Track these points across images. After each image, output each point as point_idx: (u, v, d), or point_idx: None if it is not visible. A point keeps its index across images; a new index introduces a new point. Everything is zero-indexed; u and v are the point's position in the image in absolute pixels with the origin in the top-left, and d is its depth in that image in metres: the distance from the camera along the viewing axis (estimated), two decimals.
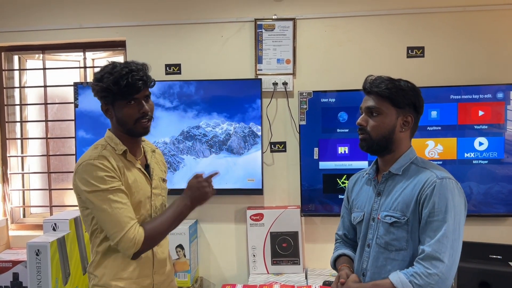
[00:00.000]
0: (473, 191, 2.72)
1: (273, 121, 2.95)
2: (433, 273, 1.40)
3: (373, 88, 1.57)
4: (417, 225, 1.50)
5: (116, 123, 1.67)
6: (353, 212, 1.72)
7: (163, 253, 1.78)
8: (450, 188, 1.47)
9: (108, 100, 1.62)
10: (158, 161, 1.85)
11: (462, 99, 2.72)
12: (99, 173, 1.56)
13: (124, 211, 1.57)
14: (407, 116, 1.57)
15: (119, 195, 1.57)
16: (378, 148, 1.59)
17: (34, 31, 3.09)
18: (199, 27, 2.97)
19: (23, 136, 3.30)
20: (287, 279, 2.75)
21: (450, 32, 2.84)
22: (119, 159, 1.65)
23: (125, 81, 1.55)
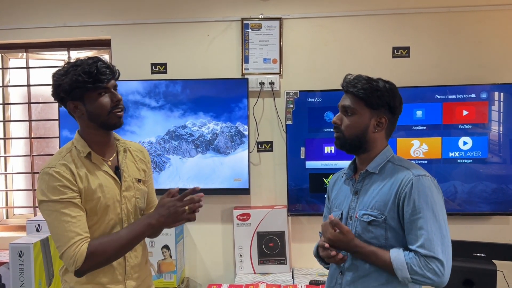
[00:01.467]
0: (458, 190, 2.75)
1: (260, 120, 2.95)
2: (431, 268, 1.41)
3: (349, 87, 1.58)
4: (395, 224, 1.51)
5: (87, 119, 1.59)
6: (332, 212, 1.72)
7: (136, 257, 1.70)
8: (427, 185, 1.48)
9: (77, 95, 1.54)
10: (135, 160, 1.76)
11: (446, 99, 2.75)
12: (52, 183, 1.51)
13: (71, 226, 1.48)
14: (381, 117, 1.57)
15: (69, 208, 1.50)
16: (350, 147, 1.61)
17: (18, 29, 3.04)
18: (185, 26, 2.96)
19: (6, 136, 3.25)
20: (274, 278, 2.75)
21: (435, 32, 2.86)
22: (83, 163, 1.58)
23: (95, 70, 1.51)
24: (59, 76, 1.55)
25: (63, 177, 1.52)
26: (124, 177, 1.67)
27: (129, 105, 2.89)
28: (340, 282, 1.62)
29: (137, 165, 1.76)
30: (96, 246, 1.50)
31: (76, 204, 1.52)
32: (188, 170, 2.90)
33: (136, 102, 2.89)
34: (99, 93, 1.55)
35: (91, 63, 1.52)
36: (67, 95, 1.55)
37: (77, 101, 1.56)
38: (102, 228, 1.60)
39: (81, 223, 1.51)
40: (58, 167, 1.53)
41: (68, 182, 1.52)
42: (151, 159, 2.75)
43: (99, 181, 1.59)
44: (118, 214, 1.63)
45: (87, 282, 1.59)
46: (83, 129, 1.63)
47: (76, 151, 1.60)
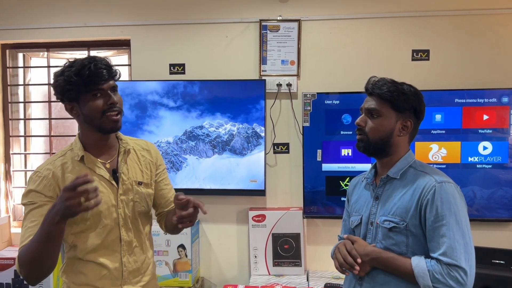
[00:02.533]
0: (477, 195, 2.71)
1: (277, 122, 2.95)
2: (454, 276, 1.38)
3: (375, 89, 1.56)
4: (417, 231, 1.48)
5: (83, 122, 1.56)
6: (352, 216, 1.71)
7: (136, 262, 1.64)
8: (450, 191, 1.46)
9: (72, 96, 1.50)
10: (139, 161, 1.70)
11: (466, 103, 2.71)
12: (28, 187, 1.53)
13: (25, 231, 1.47)
14: (407, 121, 1.56)
15: (31, 212, 1.49)
16: (374, 150, 1.59)
17: (39, 29, 3.09)
18: (204, 27, 2.97)
19: (26, 134, 3.30)
20: (288, 280, 2.75)
21: (455, 35, 2.83)
22: (74, 167, 1.55)
23: (87, 71, 1.45)
24: (55, 76, 1.53)
25: (41, 182, 1.52)
26: (122, 180, 1.62)
27: (148, 105, 2.91)
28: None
29: (140, 166, 1.70)
30: (20, 254, 1.45)
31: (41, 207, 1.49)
32: (204, 170, 2.91)
33: (155, 102, 2.91)
34: (93, 94, 1.50)
35: (86, 64, 1.47)
36: (63, 95, 1.52)
37: (73, 102, 1.53)
38: (97, 234, 1.57)
39: (36, 228, 1.44)
40: (41, 172, 1.54)
41: (44, 188, 1.51)
42: (169, 159, 2.79)
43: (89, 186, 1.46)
44: (114, 219, 1.59)
45: (85, 284, 1.58)
46: (81, 130, 1.61)
47: (72, 153, 1.58)
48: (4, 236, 3.09)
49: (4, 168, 3.23)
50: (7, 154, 3.24)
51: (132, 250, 1.64)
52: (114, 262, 1.60)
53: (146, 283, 1.70)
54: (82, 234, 1.56)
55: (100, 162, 1.61)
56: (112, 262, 1.60)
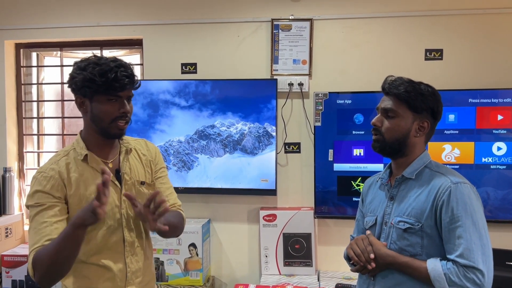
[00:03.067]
0: (490, 196, 2.68)
1: (288, 121, 2.94)
2: (470, 277, 1.37)
3: (391, 89, 1.54)
4: (433, 232, 1.47)
5: (89, 120, 1.53)
6: (366, 217, 1.70)
7: (138, 262, 1.63)
8: (466, 192, 1.44)
9: (87, 92, 1.47)
10: (141, 160, 1.69)
11: (480, 103, 2.68)
12: (33, 188, 1.50)
13: (34, 233, 1.45)
14: (424, 122, 1.54)
15: (40, 214, 1.46)
16: (390, 150, 1.57)
17: (52, 29, 3.12)
18: (216, 27, 2.98)
19: (39, 132, 3.33)
20: (299, 280, 2.74)
21: (469, 35, 2.80)
22: (78, 167, 1.54)
23: (113, 75, 1.43)
24: (77, 68, 1.50)
25: (48, 183, 1.49)
26: (125, 180, 1.61)
27: (160, 104, 2.92)
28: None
29: (142, 166, 1.68)
30: (36, 258, 1.42)
31: (50, 208, 1.47)
32: (215, 170, 2.92)
33: (166, 102, 2.92)
34: (108, 98, 1.49)
35: (112, 67, 1.45)
36: (78, 89, 1.50)
37: (86, 98, 1.51)
38: (101, 235, 1.55)
39: (46, 229, 1.44)
40: (46, 172, 1.51)
41: (51, 188, 1.49)
42: (180, 158, 2.79)
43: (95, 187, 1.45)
44: (118, 219, 1.58)
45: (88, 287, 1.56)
46: (85, 128, 1.59)
47: (75, 153, 1.56)
48: (17, 233, 3.12)
49: (18, 166, 3.26)
50: (20, 153, 3.27)
51: (134, 251, 1.63)
52: (118, 263, 1.58)
53: (147, 283, 1.69)
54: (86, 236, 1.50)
55: (102, 161, 1.58)
56: (116, 263, 1.58)
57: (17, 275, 2.90)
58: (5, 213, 3.11)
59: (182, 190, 2.85)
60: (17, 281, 2.91)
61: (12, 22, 3.14)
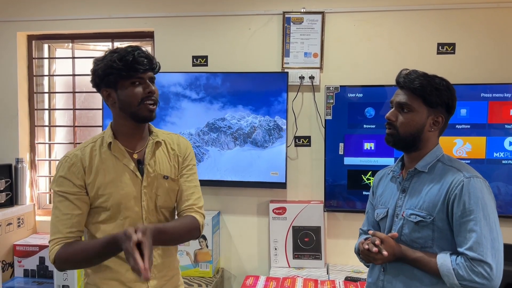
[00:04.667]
0: (501, 191, 2.67)
1: (299, 115, 2.94)
2: (478, 271, 1.37)
3: (406, 83, 1.53)
4: (444, 225, 1.48)
5: (118, 109, 1.55)
6: (377, 209, 1.70)
7: (160, 256, 1.63)
8: (479, 187, 1.44)
9: (110, 81, 1.50)
10: (168, 155, 1.67)
11: (492, 97, 2.67)
12: (59, 173, 1.53)
13: (57, 221, 1.50)
14: (438, 116, 1.54)
15: (62, 203, 1.51)
16: (404, 145, 1.57)
17: (64, 20, 3.13)
18: (227, 19, 2.97)
19: (51, 124, 3.36)
20: (308, 273, 2.75)
21: (482, 29, 2.78)
22: (101, 155, 1.56)
23: (131, 57, 1.47)
24: (96, 61, 1.54)
25: (70, 169, 1.53)
26: (147, 172, 1.59)
27: (171, 96, 2.93)
28: (382, 279, 1.61)
29: (169, 160, 1.66)
30: (62, 253, 1.48)
31: (71, 201, 1.51)
32: (226, 162, 2.93)
33: (177, 94, 2.93)
34: (132, 82, 1.50)
35: (129, 51, 1.49)
36: (101, 81, 1.52)
37: (110, 88, 1.53)
38: (118, 226, 1.54)
39: (68, 221, 1.50)
40: (70, 157, 1.55)
41: (73, 176, 1.52)
42: None
43: (115, 176, 1.54)
44: (137, 212, 1.57)
45: (111, 278, 1.57)
46: (114, 119, 1.60)
47: (101, 141, 1.59)
48: (29, 223, 3.16)
49: (30, 157, 3.29)
50: (32, 144, 3.30)
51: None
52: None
53: (171, 277, 1.69)
54: (102, 225, 1.55)
55: (127, 151, 1.59)
56: None
57: (29, 265, 2.94)
58: (17, 204, 3.14)
59: None
60: (29, 270, 2.94)
61: (24, 14, 3.16)
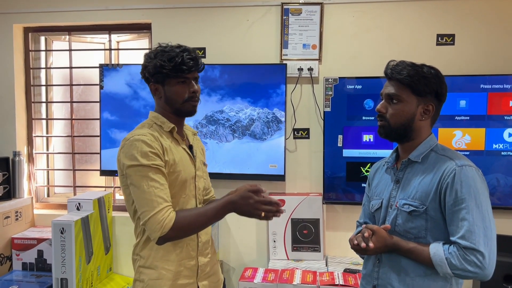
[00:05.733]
0: (500, 183, 2.67)
1: (297, 107, 2.93)
2: (470, 260, 1.37)
3: (394, 74, 1.53)
4: (437, 215, 1.48)
5: (163, 103, 1.68)
6: (372, 200, 1.71)
7: (206, 234, 1.77)
8: (471, 175, 1.44)
9: (159, 78, 1.64)
10: (198, 145, 1.86)
11: (492, 88, 2.65)
12: (144, 148, 1.56)
13: (159, 192, 1.55)
14: (428, 105, 1.53)
15: (157, 175, 1.56)
16: (396, 136, 1.57)
17: (61, 12, 3.10)
18: (225, 11, 2.95)
19: (48, 117, 3.34)
20: (307, 265, 2.75)
21: (481, 19, 2.76)
22: (166, 137, 1.66)
23: (180, 59, 1.59)
24: (147, 58, 1.65)
25: (153, 144, 1.58)
26: (196, 157, 1.77)
27: None
28: (377, 270, 1.61)
29: (200, 150, 1.86)
30: (183, 218, 1.56)
31: (163, 171, 1.59)
32: (224, 155, 2.91)
33: None
34: (178, 81, 1.63)
35: (177, 52, 1.60)
36: (151, 76, 1.65)
37: (159, 84, 1.66)
38: (178, 203, 1.65)
39: (167, 190, 1.58)
40: (148, 136, 1.60)
41: (158, 151, 1.59)
42: None
43: (180, 156, 1.67)
44: (191, 190, 1.71)
45: (165, 258, 1.64)
46: (161, 110, 1.71)
47: (157, 126, 1.67)
48: (27, 217, 3.15)
49: (27, 150, 3.28)
50: (29, 137, 3.28)
51: None
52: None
53: (212, 255, 1.82)
54: None
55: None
56: None
57: (27, 258, 2.93)
58: (15, 197, 3.13)
59: None
60: (27, 264, 2.94)
61: (21, 6, 3.13)
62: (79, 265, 2.59)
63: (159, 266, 1.64)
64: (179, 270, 1.66)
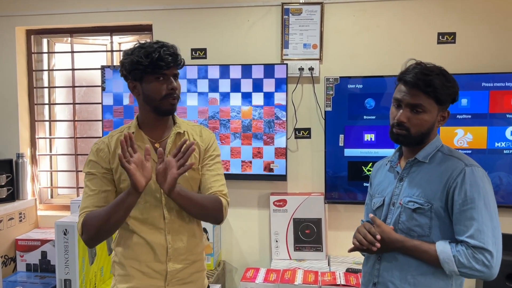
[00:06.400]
0: (503, 181, 2.66)
1: (298, 107, 2.93)
2: (479, 258, 1.38)
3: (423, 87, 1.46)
4: (442, 213, 1.48)
5: (142, 101, 1.64)
6: (374, 198, 1.71)
7: (181, 241, 1.67)
8: (479, 176, 1.46)
9: (136, 75, 1.59)
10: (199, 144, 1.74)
11: (494, 86, 2.64)
12: (89, 157, 1.66)
13: (86, 198, 1.62)
14: (445, 111, 1.55)
15: (91, 182, 1.62)
16: (415, 143, 1.56)
17: (63, 14, 3.12)
18: (226, 11, 2.95)
19: (51, 119, 3.36)
20: (310, 265, 2.75)
21: (482, 17, 2.75)
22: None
23: (157, 54, 1.54)
24: (125, 54, 1.62)
25: (98, 154, 1.64)
26: None
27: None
28: (378, 267, 1.61)
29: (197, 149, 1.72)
30: (87, 217, 1.58)
31: (100, 178, 1.63)
32: (225, 155, 2.92)
33: None
34: (156, 77, 1.58)
35: (155, 48, 1.55)
36: (128, 73, 1.62)
37: (136, 81, 1.62)
38: (140, 210, 1.63)
39: (96, 197, 1.61)
40: (98, 144, 1.67)
41: (101, 160, 1.63)
42: None
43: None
44: (157, 197, 1.64)
45: (132, 258, 1.66)
46: (140, 109, 1.69)
47: (127, 131, 1.65)
48: (31, 218, 3.17)
49: (30, 152, 3.30)
50: (32, 138, 3.30)
51: (177, 229, 1.67)
52: (158, 238, 1.65)
53: (193, 262, 1.72)
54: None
55: (150, 140, 1.67)
56: (156, 238, 1.65)
57: (31, 259, 2.95)
58: (18, 198, 3.15)
59: None
60: (32, 265, 2.96)
61: (23, 9, 3.15)
62: (82, 266, 2.60)
63: (126, 265, 1.67)
64: (146, 271, 1.65)
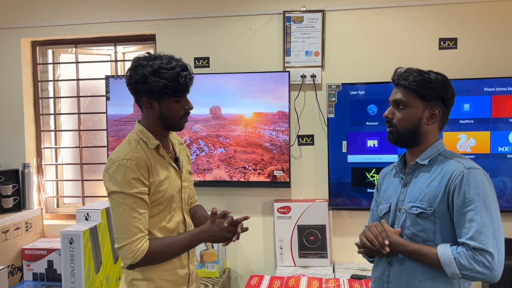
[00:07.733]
0: (507, 186, 2.65)
1: (301, 114, 2.94)
2: (479, 260, 1.38)
3: (400, 80, 1.58)
4: (445, 217, 1.49)
5: (156, 118, 1.64)
6: (380, 205, 1.72)
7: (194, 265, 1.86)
8: (479, 177, 1.46)
9: (156, 96, 1.59)
10: (185, 154, 1.88)
11: (496, 91, 2.64)
12: (128, 175, 1.55)
13: (137, 221, 1.56)
14: (434, 109, 1.56)
15: (138, 204, 1.57)
16: (404, 140, 1.61)
17: (67, 26, 3.16)
18: (228, 20, 2.98)
19: (56, 128, 3.39)
20: (314, 272, 2.75)
21: (484, 22, 2.76)
22: (151, 155, 1.63)
23: (183, 79, 1.57)
24: (149, 73, 1.56)
25: (139, 171, 1.57)
26: (182, 168, 1.78)
27: None
28: (387, 273, 1.61)
29: (185, 157, 1.87)
30: (156, 247, 1.60)
31: (145, 201, 1.59)
32: (229, 163, 2.93)
33: None
34: (176, 100, 1.62)
35: (179, 71, 1.56)
36: (147, 94, 1.59)
37: (154, 99, 1.61)
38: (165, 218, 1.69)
39: (144, 220, 1.59)
40: (135, 160, 1.57)
41: (142, 177, 1.58)
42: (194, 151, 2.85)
43: (167, 173, 1.67)
44: (178, 203, 1.73)
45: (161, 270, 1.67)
46: (149, 123, 1.67)
47: (143, 143, 1.65)
48: (37, 227, 3.19)
49: (36, 162, 3.33)
50: (38, 148, 3.34)
51: None
52: None
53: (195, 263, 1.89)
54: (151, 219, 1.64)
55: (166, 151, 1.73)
56: None
57: (37, 268, 2.97)
58: (25, 208, 3.17)
59: (198, 183, 2.87)
60: (38, 274, 2.97)
61: (28, 20, 3.20)
62: (88, 275, 2.61)
63: (155, 278, 1.66)
64: (175, 279, 1.71)
